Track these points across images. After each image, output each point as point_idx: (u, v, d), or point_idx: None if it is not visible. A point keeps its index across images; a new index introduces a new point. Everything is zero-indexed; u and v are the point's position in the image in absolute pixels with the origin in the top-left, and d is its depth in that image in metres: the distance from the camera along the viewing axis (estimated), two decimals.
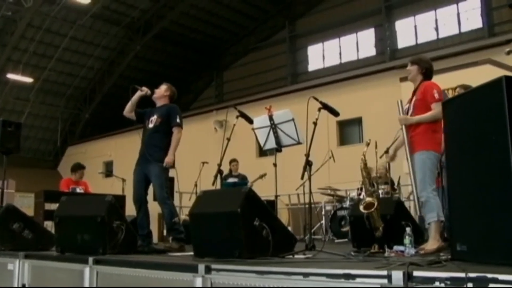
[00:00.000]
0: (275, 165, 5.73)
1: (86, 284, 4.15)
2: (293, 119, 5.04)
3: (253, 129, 5.47)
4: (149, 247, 5.45)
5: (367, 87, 16.34)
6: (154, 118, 5.97)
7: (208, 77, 24.75)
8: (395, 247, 4.13)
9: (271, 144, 5.28)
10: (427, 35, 18.31)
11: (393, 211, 5.02)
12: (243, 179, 9.99)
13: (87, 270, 4.19)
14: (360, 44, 20.28)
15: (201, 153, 13.40)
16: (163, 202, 5.74)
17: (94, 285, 4.13)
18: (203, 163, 9.95)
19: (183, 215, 9.48)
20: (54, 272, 4.65)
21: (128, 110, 6.10)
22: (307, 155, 4.43)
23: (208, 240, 3.96)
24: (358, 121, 16.67)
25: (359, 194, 9.26)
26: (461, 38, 17.25)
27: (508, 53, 6.05)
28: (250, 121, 5.41)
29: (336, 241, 8.95)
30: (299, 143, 5.08)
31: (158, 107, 6.13)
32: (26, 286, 4.90)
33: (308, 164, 4.31)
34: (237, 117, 5.30)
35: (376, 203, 4.13)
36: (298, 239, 4.56)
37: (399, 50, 18.99)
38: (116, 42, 22.35)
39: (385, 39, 19.28)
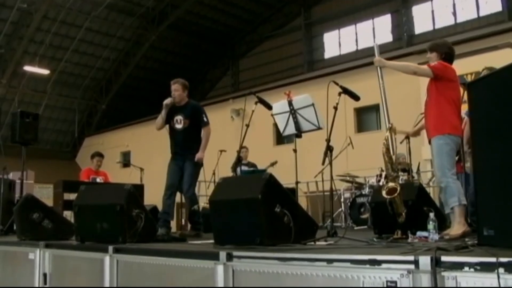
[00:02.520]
0: (295, 151, 5.68)
1: (107, 272, 4.15)
2: (313, 104, 4.96)
3: (272, 115, 5.40)
4: (169, 235, 5.46)
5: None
6: (180, 118, 6.36)
7: (224, 66, 24.68)
8: (418, 233, 4.05)
9: (290, 129, 5.20)
10: (444, 20, 18.02)
11: (415, 196, 4.94)
12: (253, 166, 9.93)
13: (107, 259, 4.18)
14: (376, 30, 20.03)
15: (219, 142, 13.26)
16: (189, 197, 6.30)
17: (115, 274, 4.13)
18: (221, 151, 9.93)
19: (202, 203, 9.48)
20: (74, 261, 4.65)
21: (160, 126, 6.45)
22: (328, 140, 4.35)
23: (229, 228, 3.91)
24: (375, 108, 16.48)
25: (379, 181, 9.17)
26: (480, 23, 16.94)
27: None
28: (269, 107, 5.34)
29: (356, 228, 8.88)
30: (319, 128, 5.00)
31: (181, 107, 6.41)
32: (47, 275, 4.92)
33: (329, 149, 4.23)
34: (256, 103, 5.23)
35: (398, 188, 4.04)
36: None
37: (416, 36, 18.72)
38: (131, 33, 22.36)
39: (402, 25, 19.03)
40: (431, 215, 3.97)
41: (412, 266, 2.51)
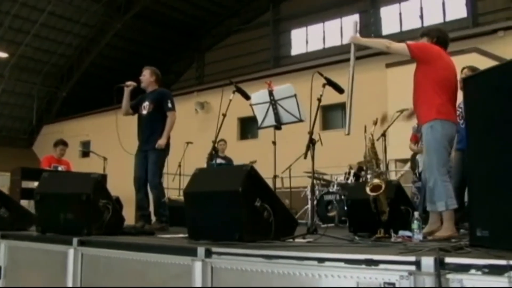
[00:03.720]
0: (274, 143, 5.44)
1: (70, 266, 3.82)
2: (295, 95, 4.73)
3: (250, 105, 5.15)
4: (137, 228, 5.16)
5: (324, 90, 16.02)
6: (146, 104, 6.14)
7: (189, 58, 24.24)
8: (401, 232, 3.88)
9: (269, 121, 4.96)
10: (412, 23, 18.12)
11: (394, 195, 4.80)
12: (229, 161, 9.66)
13: (71, 252, 3.86)
14: (344, 29, 20.00)
15: (183, 134, 13.01)
16: (154, 187, 5.98)
17: (79, 268, 3.81)
18: (188, 143, 9.63)
19: (173, 196, 9.20)
20: (33, 253, 4.30)
21: (125, 110, 6.30)
22: (311, 133, 4.13)
23: (205, 222, 3.66)
24: (341, 106, 16.43)
25: (347, 179, 9.06)
26: (445, 27, 17.06)
27: None
28: (247, 97, 5.09)
29: (322, 225, 8.74)
30: (300, 120, 4.77)
31: (149, 93, 6.26)
32: (1, 268, 4.56)
33: (311, 142, 4.01)
34: (233, 92, 4.97)
35: (383, 186, 3.86)
36: None
37: (384, 37, 18.76)
38: (95, 20, 21.66)
39: (370, 26, 19.07)
40: (416, 214, 3.80)
41: (412, 267, 2.32)
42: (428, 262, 2.27)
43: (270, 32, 21.79)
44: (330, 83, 4.26)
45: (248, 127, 18.65)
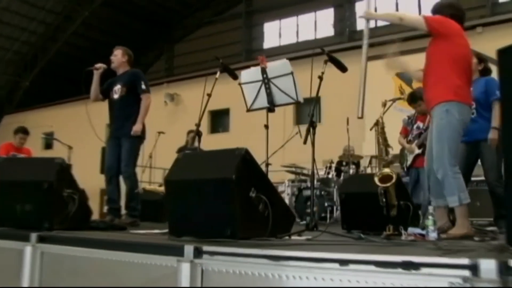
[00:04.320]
0: (266, 126, 4.90)
1: (27, 267, 3.20)
2: (291, 73, 4.20)
3: (240, 84, 4.59)
4: (106, 222, 4.56)
5: (326, 67, 15.71)
6: (118, 87, 5.69)
7: (159, 49, 23.45)
8: (410, 229, 3.41)
9: (261, 102, 4.42)
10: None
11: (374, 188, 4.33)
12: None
13: (28, 250, 3.22)
14: (318, 23, 19.63)
15: (152, 126, 12.40)
16: (127, 177, 5.58)
17: (37, 269, 3.19)
18: (159, 133, 9.02)
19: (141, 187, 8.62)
20: None
21: (94, 96, 5.83)
22: (311, 115, 3.62)
23: (189, 215, 3.10)
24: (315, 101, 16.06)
25: (328, 173, 8.61)
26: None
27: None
28: (235, 76, 4.55)
29: (301, 222, 8.27)
30: (297, 102, 4.25)
31: (120, 75, 5.81)
32: None
33: (312, 126, 3.50)
34: (220, 71, 4.42)
35: (394, 176, 3.37)
36: None
37: (358, 32, 18.41)
38: (62, 6, 20.63)
39: (345, 20, 18.70)
40: (430, 208, 3.33)
41: (465, 272, 1.82)
42: (488, 266, 1.78)
43: (243, 24, 21.23)
44: (332, 60, 3.75)
45: (219, 120, 18.09)
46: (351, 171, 8.43)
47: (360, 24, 18.62)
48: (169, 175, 3.22)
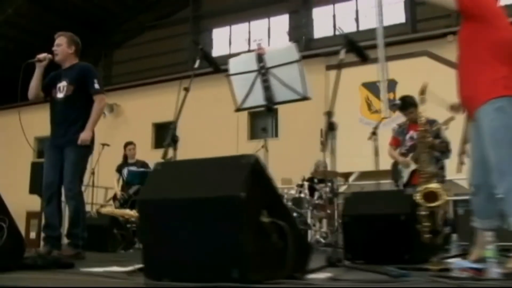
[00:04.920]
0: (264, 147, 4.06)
1: None
2: (299, 60, 3.50)
3: (227, 76, 3.87)
4: (45, 257, 3.69)
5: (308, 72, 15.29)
6: (63, 85, 4.96)
7: (96, 55, 22.25)
8: (458, 262, 2.78)
9: (255, 99, 3.69)
10: (346, 27, 17.61)
11: (410, 209, 3.74)
12: (144, 166, 8.34)
13: None
14: (272, 30, 19.19)
15: None
16: (71, 196, 4.82)
17: None
18: (103, 145, 8.17)
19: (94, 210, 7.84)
20: None
21: (35, 93, 5.01)
22: (329, 114, 2.94)
23: (175, 249, 2.34)
24: (271, 113, 15.50)
25: (300, 192, 7.97)
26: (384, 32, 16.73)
27: None
28: (217, 69, 3.84)
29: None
30: (305, 98, 3.53)
31: (65, 70, 5.06)
32: None
33: (330, 127, 2.82)
34: (200, 58, 3.69)
35: (444, 194, 2.73)
36: None
37: (315, 40, 18.13)
38: None
39: (301, 27, 18.34)
40: (488, 235, 2.71)
41: None
42: None
43: (189, 30, 20.48)
44: (352, 45, 3.09)
45: (164, 135, 17.20)
46: (327, 189, 7.87)
47: (318, 32, 18.44)
48: (145, 193, 2.47)
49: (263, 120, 16.25)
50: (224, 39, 20.13)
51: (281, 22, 19.02)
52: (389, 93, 12.29)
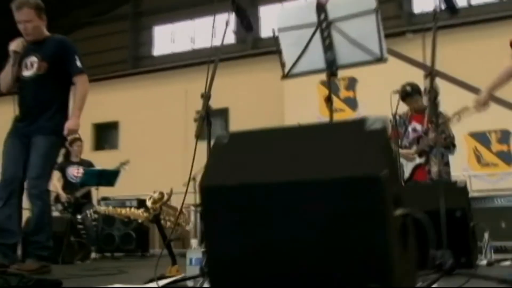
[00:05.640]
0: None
1: None
2: (376, 10, 2.79)
3: (275, 35, 3.11)
4: (24, 276, 2.80)
5: (234, 73, 14.70)
6: (32, 60, 4.21)
7: None
8: None
9: (311, 63, 2.92)
10: None
11: (466, 203, 3.16)
12: (89, 165, 7.49)
13: None
14: (217, 29, 18.42)
15: None
16: (36, 195, 3.95)
17: None
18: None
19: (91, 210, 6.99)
20: None
21: (9, 83, 4.26)
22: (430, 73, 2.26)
23: (261, 253, 1.57)
24: (222, 113, 14.82)
25: None
26: None
27: None
28: (249, 27, 3.12)
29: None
30: (381, 59, 2.83)
31: (36, 44, 4.29)
32: None
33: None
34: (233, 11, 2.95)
35: None
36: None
37: (263, 40, 17.58)
38: None
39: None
40: None
41: None
42: None
43: (129, 27, 19.46)
44: None
45: (105, 136, 16.14)
46: None
47: (265, 31, 17.89)
48: (211, 176, 1.67)
49: (212, 121, 15.53)
50: (166, 38, 19.22)
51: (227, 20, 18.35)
52: (349, 91, 11.88)
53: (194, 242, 2.74)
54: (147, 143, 14.64)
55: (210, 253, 1.63)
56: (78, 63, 4.20)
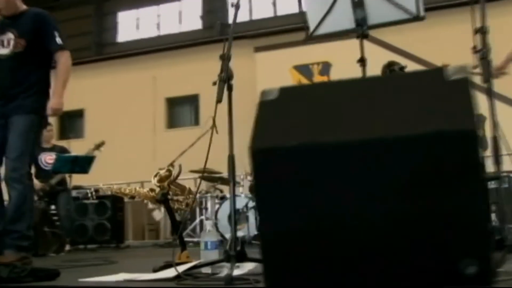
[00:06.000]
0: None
1: None
2: None
3: None
4: (16, 266, 2.49)
5: (202, 59, 14.38)
6: (8, 38, 3.86)
7: None
8: None
9: (338, 22, 2.67)
10: (262, 12, 16.94)
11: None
12: (64, 151, 7.10)
13: None
14: (184, 14, 18.08)
15: None
16: (16, 179, 3.63)
17: None
18: None
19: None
20: None
21: None
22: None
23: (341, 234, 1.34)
24: (192, 99, 14.50)
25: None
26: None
27: None
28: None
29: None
30: (417, 17, 2.57)
31: (12, 18, 3.89)
32: None
33: None
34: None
35: None
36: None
37: (231, 26, 17.28)
38: None
39: (215, 12, 17.43)
40: None
41: None
42: None
43: (92, 12, 18.86)
44: None
45: (70, 125, 15.61)
46: None
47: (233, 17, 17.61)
48: (264, 137, 1.42)
49: (182, 108, 15.19)
50: (131, 24, 18.70)
51: (193, 6, 17.97)
52: (323, 75, 11.73)
53: (208, 223, 2.47)
54: (114, 132, 14.20)
55: (263, 227, 1.39)
56: (58, 39, 3.84)
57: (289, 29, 12.64)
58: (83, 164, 6.63)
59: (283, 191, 1.38)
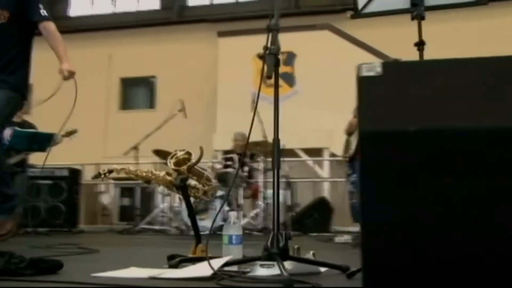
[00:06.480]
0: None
1: None
2: None
3: None
4: (14, 257, 2.15)
5: (160, 41, 13.93)
6: None
7: None
8: None
9: (391, 0, 2.43)
10: None
11: None
12: (31, 127, 6.68)
13: None
14: None
15: None
16: None
17: None
18: None
19: None
20: None
21: None
22: None
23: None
24: (148, 81, 14.01)
25: (226, 166, 6.80)
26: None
27: None
28: None
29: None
30: (480, 1, 2.34)
31: None
32: None
33: None
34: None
35: None
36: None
37: (189, 8, 16.81)
38: None
39: None
40: None
41: None
42: None
43: None
44: None
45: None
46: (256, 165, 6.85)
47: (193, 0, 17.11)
48: (374, 118, 1.18)
49: (137, 89, 14.63)
50: None
51: None
52: (287, 66, 11.52)
53: (232, 214, 2.20)
54: (60, 112, 13.53)
55: (367, 221, 1.17)
56: (42, 11, 3.90)
57: (254, 16, 12.38)
58: (42, 141, 6.18)
59: (393, 181, 1.16)
